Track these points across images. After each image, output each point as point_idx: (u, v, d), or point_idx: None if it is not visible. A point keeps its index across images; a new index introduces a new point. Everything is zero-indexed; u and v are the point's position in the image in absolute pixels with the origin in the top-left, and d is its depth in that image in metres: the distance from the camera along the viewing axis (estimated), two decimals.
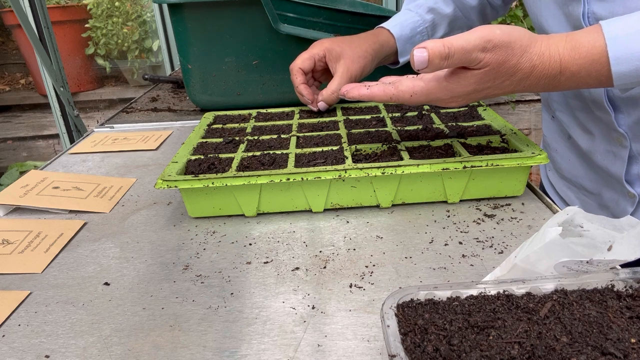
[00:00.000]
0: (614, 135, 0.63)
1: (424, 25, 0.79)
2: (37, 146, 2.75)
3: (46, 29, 1.52)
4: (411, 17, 0.79)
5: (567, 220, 0.36)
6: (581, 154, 0.71)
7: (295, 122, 0.77)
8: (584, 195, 0.73)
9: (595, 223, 0.36)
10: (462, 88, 0.50)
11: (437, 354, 0.30)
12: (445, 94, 0.51)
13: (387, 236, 0.54)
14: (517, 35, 0.47)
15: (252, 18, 0.87)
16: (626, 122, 0.61)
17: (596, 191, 0.71)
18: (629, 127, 0.61)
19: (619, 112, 0.61)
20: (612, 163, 0.65)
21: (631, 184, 0.64)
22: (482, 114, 0.75)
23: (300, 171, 0.57)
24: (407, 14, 0.79)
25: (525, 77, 0.49)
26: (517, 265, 0.37)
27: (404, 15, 0.80)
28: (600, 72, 0.48)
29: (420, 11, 0.79)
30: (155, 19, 2.31)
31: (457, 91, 0.51)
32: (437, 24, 0.79)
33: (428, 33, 0.79)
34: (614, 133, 0.63)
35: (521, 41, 0.47)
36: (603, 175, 0.68)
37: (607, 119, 0.62)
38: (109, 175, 0.75)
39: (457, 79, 0.50)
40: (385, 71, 0.80)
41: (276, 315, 0.43)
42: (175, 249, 0.54)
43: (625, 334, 0.30)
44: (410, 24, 0.78)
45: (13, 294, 0.48)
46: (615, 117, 0.61)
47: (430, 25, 0.79)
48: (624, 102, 0.60)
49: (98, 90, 2.80)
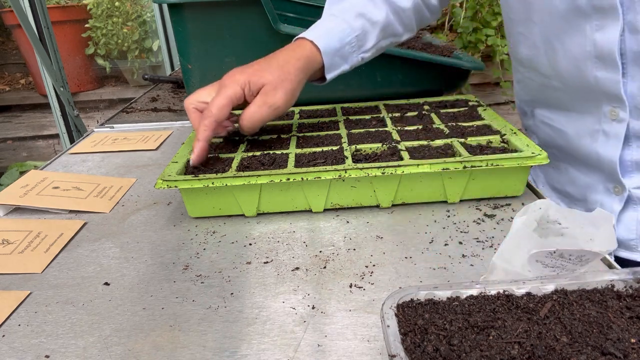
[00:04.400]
0: (607, 109, 0.59)
1: (354, 34, 0.66)
2: (37, 146, 2.75)
3: (46, 29, 1.52)
4: (337, 24, 0.66)
5: (542, 216, 0.36)
6: (567, 150, 0.69)
7: (295, 122, 0.77)
8: (574, 204, 0.72)
9: (570, 219, 0.36)
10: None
11: (437, 354, 0.30)
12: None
13: (387, 236, 0.54)
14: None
15: (252, 18, 0.87)
16: (630, 88, 0.57)
17: (582, 197, 0.69)
18: (632, 96, 0.57)
19: (625, 74, 0.57)
20: (603, 144, 0.61)
21: (622, 173, 0.61)
22: (482, 114, 0.75)
23: (300, 171, 0.57)
24: (332, 20, 0.67)
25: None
26: (496, 264, 0.37)
27: (328, 22, 0.67)
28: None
29: (347, 17, 0.66)
30: (155, 19, 2.31)
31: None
32: (367, 32, 0.67)
33: (358, 43, 0.67)
34: (608, 106, 0.59)
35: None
36: (591, 168, 0.66)
37: (611, 80, 0.57)
38: (109, 175, 0.75)
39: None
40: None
41: (276, 315, 0.43)
42: (175, 249, 0.54)
43: (625, 334, 0.30)
44: (337, 33, 0.65)
45: (13, 294, 0.48)
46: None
47: (361, 34, 0.67)
48: (633, 61, 0.56)
49: (98, 90, 2.80)
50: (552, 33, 0.62)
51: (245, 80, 0.59)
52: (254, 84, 0.59)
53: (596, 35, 0.56)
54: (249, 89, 0.59)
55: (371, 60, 0.92)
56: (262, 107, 0.59)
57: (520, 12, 0.66)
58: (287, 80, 0.60)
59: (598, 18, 0.55)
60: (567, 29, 0.59)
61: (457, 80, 1.00)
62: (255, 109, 0.59)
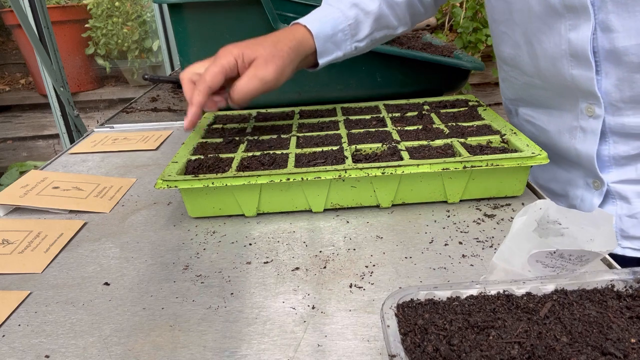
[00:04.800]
0: (583, 106, 0.61)
1: (347, 22, 0.69)
2: (37, 146, 2.75)
3: (46, 29, 1.52)
4: (331, 12, 0.69)
5: (542, 216, 0.36)
6: (549, 148, 0.70)
7: (295, 122, 0.77)
8: (556, 200, 0.73)
9: (570, 218, 0.36)
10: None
11: (437, 354, 0.30)
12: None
13: (387, 236, 0.54)
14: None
15: (252, 18, 0.87)
16: (604, 85, 0.58)
17: (563, 192, 0.70)
18: (606, 92, 0.58)
19: (598, 71, 0.58)
20: (581, 141, 0.63)
21: (600, 168, 0.62)
22: (482, 114, 0.75)
23: (300, 171, 0.57)
24: (327, 9, 0.70)
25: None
26: (496, 264, 0.37)
27: (323, 10, 0.70)
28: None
29: (342, 6, 0.70)
30: (155, 19, 2.31)
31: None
32: (360, 21, 0.70)
33: (351, 31, 0.70)
34: (584, 102, 0.61)
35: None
36: (571, 164, 0.67)
37: (585, 78, 0.59)
38: (109, 175, 0.75)
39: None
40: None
41: (276, 315, 0.43)
42: (175, 249, 0.54)
43: (625, 334, 0.30)
44: (330, 20, 0.68)
45: (13, 294, 0.48)
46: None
47: (354, 23, 0.70)
48: (605, 58, 0.57)
49: (98, 90, 2.80)
50: (531, 33, 0.63)
51: (239, 52, 0.61)
52: (247, 56, 0.61)
53: (570, 34, 0.58)
54: (242, 61, 0.61)
55: (371, 60, 0.92)
56: (253, 79, 0.61)
57: (502, 12, 0.68)
58: (279, 57, 0.62)
59: (571, 18, 0.57)
60: (544, 29, 0.61)
61: (457, 80, 1.00)
62: (246, 80, 0.61)
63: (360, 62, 0.89)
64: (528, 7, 0.61)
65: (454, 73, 0.98)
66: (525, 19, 0.63)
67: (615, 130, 0.60)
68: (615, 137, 0.61)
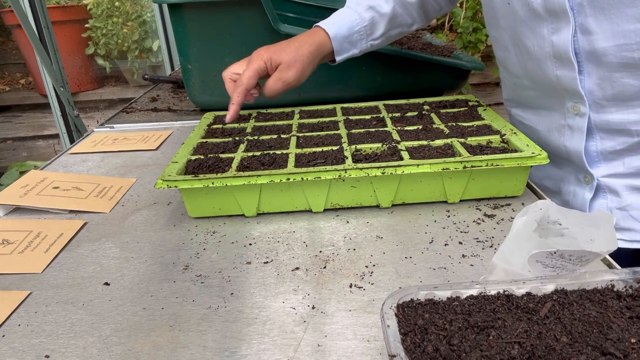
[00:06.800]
0: (569, 104, 0.63)
1: (362, 24, 0.77)
2: (37, 146, 2.75)
3: (46, 29, 1.52)
4: (349, 15, 0.77)
5: (543, 217, 0.36)
6: (540, 147, 0.71)
7: (295, 122, 0.77)
8: (550, 197, 0.74)
9: (571, 219, 0.36)
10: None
11: (437, 354, 0.30)
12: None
13: (387, 236, 0.54)
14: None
15: (252, 18, 0.87)
16: (587, 84, 0.61)
17: (557, 189, 0.72)
18: (590, 91, 0.61)
19: (581, 71, 0.61)
20: (570, 138, 0.65)
21: (589, 164, 0.65)
22: (482, 114, 0.75)
23: (300, 171, 0.57)
24: (345, 11, 0.78)
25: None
26: (496, 264, 0.37)
27: (342, 13, 0.78)
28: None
29: (359, 9, 0.78)
30: (155, 19, 2.31)
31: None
32: (376, 22, 0.78)
33: (366, 32, 0.78)
34: (570, 101, 0.63)
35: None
36: (562, 161, 0.69)
37: (569, 78, 0.61)
38: (109, 175, 0.75)
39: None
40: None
41: (276, 315, 0.43)
42: (175, 249, 0.54)
43: (625, 334, 0.30)
44: (347, 23, 0.77)
45: (13, 294, 0.48)
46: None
47: (369, 24, 0.78)
48: (587, 59, 0.60)
49: (98, 90, 2.80)
50: (517, 36, 0.67)
51: (268, 57, 0.73)
52: (274, 60, 0.73)
53: (553, 37, 0.61)
54: (270, 64, 0.73)
55: (371, 60, 0.92)
56: (278, 81, 0.73)
57: (490, 17, 0.72)
58: (300, 61, 0.73)
59: (553, 21, 0.60)
60: (528, 32, 0.64)
61: (457, 80, 1.00)
62: (273, 82, 0.73)
63: (360, 62, 0.89)
64: (513, 12, 0.65)
65: (454, 73, 0.98)
66: (511, 23, 0.67)
67: (600, 127, 0.62)
68: (601, 134, 0.63)
